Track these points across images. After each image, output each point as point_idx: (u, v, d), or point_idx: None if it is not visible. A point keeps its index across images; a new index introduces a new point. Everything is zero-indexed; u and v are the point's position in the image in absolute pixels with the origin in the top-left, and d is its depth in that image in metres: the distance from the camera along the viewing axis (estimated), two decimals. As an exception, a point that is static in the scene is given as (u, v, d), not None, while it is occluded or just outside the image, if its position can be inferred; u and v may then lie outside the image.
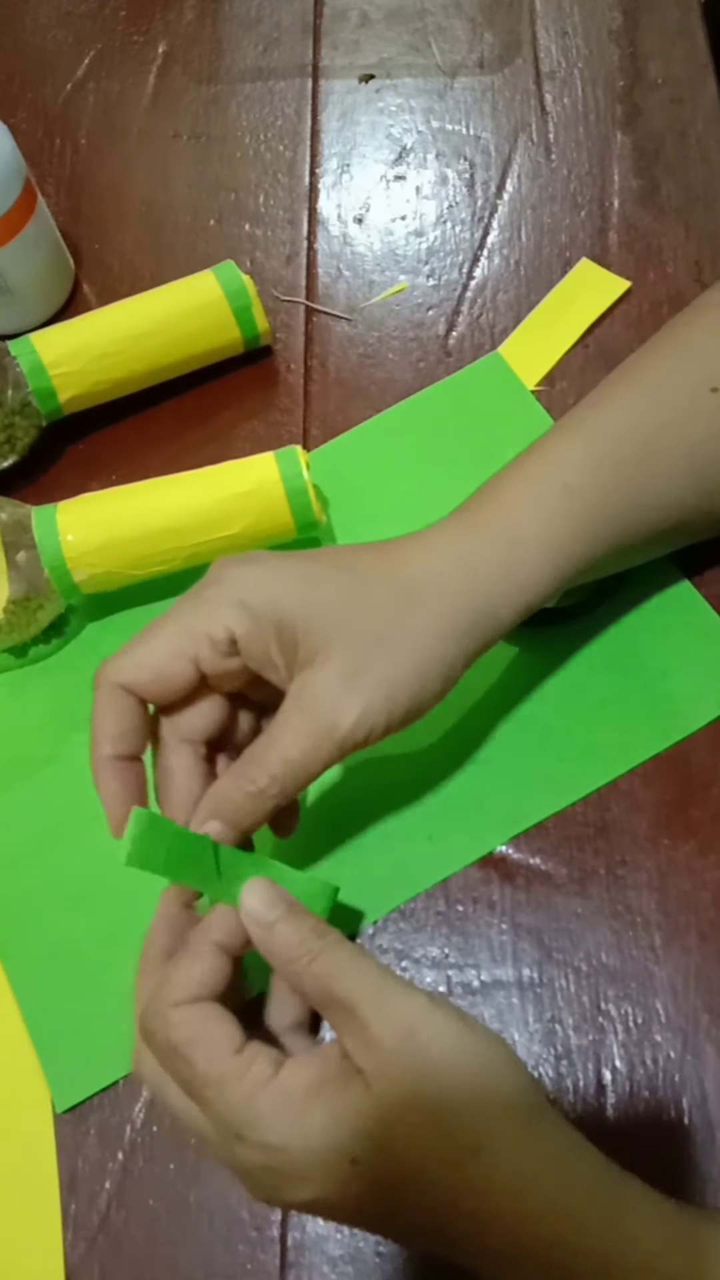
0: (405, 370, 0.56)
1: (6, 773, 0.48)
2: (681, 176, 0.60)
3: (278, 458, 0.48)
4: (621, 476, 0.40)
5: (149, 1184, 0.41)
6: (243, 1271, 0.39)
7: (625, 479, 0.41)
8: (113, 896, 0.45)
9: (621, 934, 0.43)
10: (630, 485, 0.41)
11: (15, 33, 0.70)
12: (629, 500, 0.41)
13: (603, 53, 0.65)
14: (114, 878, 0.45)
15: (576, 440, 0.42)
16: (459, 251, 0.59)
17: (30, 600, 0.48)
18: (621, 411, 0.42)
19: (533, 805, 0.45)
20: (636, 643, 0.47)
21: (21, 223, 0.53)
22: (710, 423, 0.41)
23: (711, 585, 0.48)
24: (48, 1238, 0.40)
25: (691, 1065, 0.40)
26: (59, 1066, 0.42)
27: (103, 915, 0.45)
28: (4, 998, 0.44)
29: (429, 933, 0.43)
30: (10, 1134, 0.42)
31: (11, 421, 0.52)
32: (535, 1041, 0.41)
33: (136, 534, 0.47)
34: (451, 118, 0.64)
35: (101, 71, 0.68)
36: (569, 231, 0.59)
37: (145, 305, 0.53)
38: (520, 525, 0.40)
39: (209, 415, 0.56)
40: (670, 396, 0.42)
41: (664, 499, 0.41)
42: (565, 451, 0.41)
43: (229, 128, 0.65)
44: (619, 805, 0.45)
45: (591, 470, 0.40)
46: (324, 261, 0.60)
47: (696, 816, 0.44)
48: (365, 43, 0.67)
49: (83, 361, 0.52)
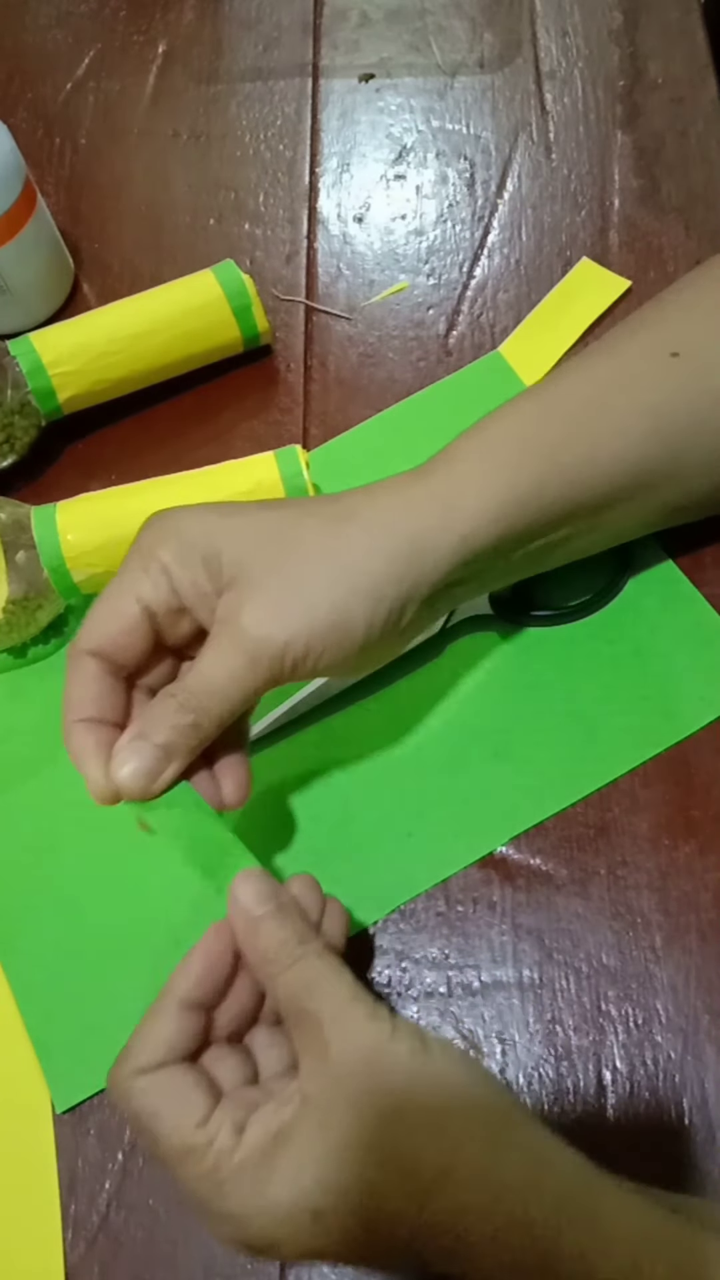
0: (405, 370, 0.56)
1: (6, 773, 0.48)
2: (682, 176, 0.60)
3: (278, 457, 0.48)
4: (570, 430, 0.40)
5: (149, 1184, 0.41)
6: (243, 1271, 0.39)
7: (573, 433, 0.40)
8: (112, 897, 0.45)
9: (622, 935, 0.43)
10: (580, 439, 0.40)
11: (15, 32, 0.70)
12: (579, 455, 0.40)
13: (603, 52, 0.64)
14: (114, 878, 0.45)
15: (530, 399, 0.42)
16: (459, 251, 0.59)
17: (30, 600, 0.48)
18: (579, 374, 0.42)
19: (533, 805, 0.45)
20: (637, 643, 0.47)
21: (21, 222, 0.53)
22: (666, 385, 0.41)
23: (712, 585, 0.48)
24: (48, 1238, 0.40)
25: (692, 1066, 0.40)
26: (59, 1067, 0.42)
27: (102, 915, 0.45)
28: (4, 998, 0.44)
29: (429, 933, 0.43)
30: (10, 1134, 0.42)
31: (11, 421, 0.52)
32: (535, 1042, 0.41)
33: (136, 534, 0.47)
34: (451, 117, 0.64)
35: (101, 71, 0.68)
36: (569, 231, 0.59)
37: (145, 305, 0.53)
38: (463, 467, 0.39)
39: (209, 415, 0.56)
40: (628, 360, 0.42)
41: (619, 458, 0.40)
42: (517, 408, 0.41)
43: (229, 127, 0.65)
44: (619, 805, 0.45)
45: (539, 422, 0.40)
46: (324, 261, 0.60)
47: (697, 817, 0.44)
48: (365, 42, 0.67)
49: (82, 361, 0.52)
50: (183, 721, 0.36)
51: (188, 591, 0.37)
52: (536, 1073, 0.41)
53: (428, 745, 0.46)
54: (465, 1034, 0.42)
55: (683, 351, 0.41)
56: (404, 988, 0.43)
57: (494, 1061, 0.41)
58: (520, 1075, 0.41)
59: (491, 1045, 0.41)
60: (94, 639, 0.37)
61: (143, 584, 0.37)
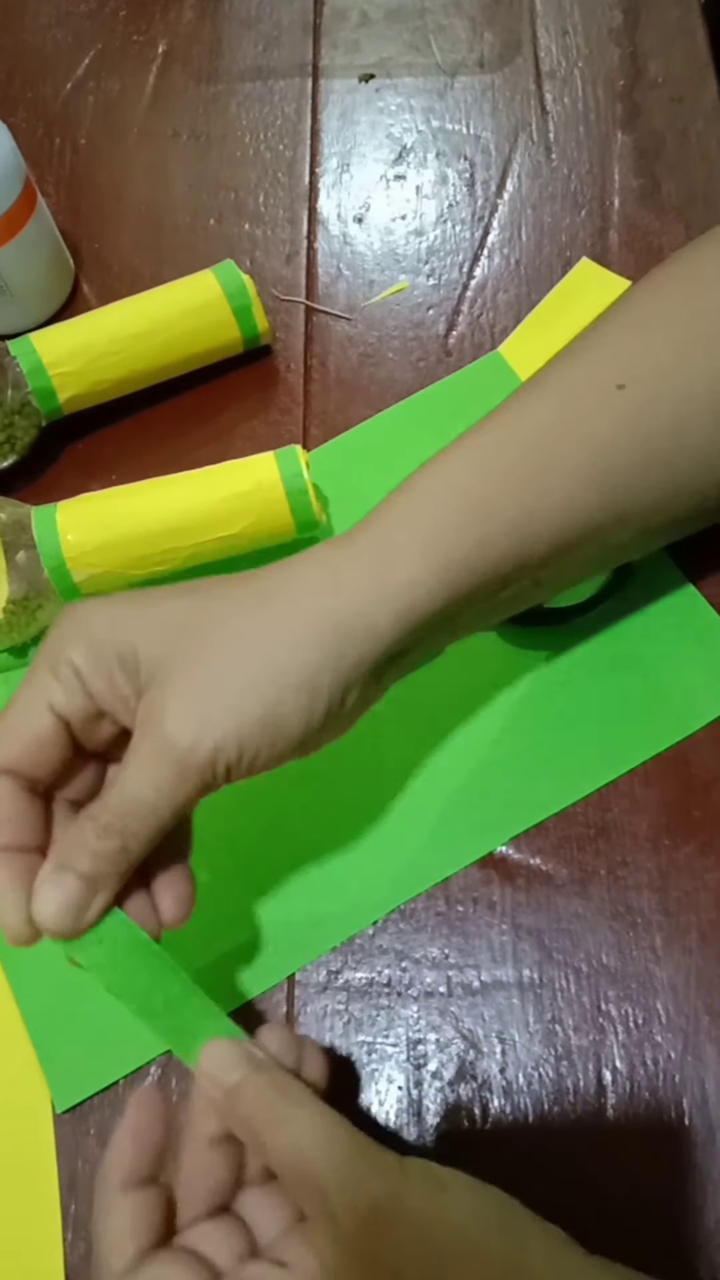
0: (405, 370, 0.56)
1: (6, 773, 0.48)
2: (682, 175, 0.60)
3: (278, 457, 0.48)
4: (511, 482, 0.36)
5: (149, 1184, 0.41)
6: (243, 1272, 0.39)
7: (515, 485, 0.36)
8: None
9: (622, 934, 0.43)
10: (524, 490, 0.36)
11: (15, 32, 0.70)
12: (523, 507, 0.36)
13: (603, 52, 0.64)
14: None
15: (464, 447, 0.38)
16: (459, 251, 0.59)
17: (30, 600, 0.48)
18: (519, 415, 0.38)
19: (533, 805, 0.45)
20: (637, 643, 0.47)
21: (21, 222, 0.53)
22: (614, 421, 0.37)
23: (711, 586, 0.48)
24: (48, 1238, 0.40)
25: (692, 1066, 0.40)
26: (59, 1067, 0.42)
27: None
28: (4, 998, 0.44)
29: (429, 933, 0.43)
30: (10, 1134, 0.42)
31: (11, 421, 0.52)
32: (535, 1042, 0.41)
33: (136, 534, 0.47)
34: (451, 117, 0.64)
35: (101, 71, 0.68)
36: (569, 231, 0.59)
37: (145, 305, 0.53)
38: (395, 527, 0.36)
39: (209, 415, 0.56)
40: (571, 395, 0.38)
41: (565, 506, 0.37)
42: (450, 460, 0.38)
43: (229, 127, 0.65)
44: (619, 805, 0.45)
45: (476, 475, 0.37)
46: (324, 261, 0.60)
47: (697, 817, 0.44)
48: (365, 42, 0.67)
49: (82, 361, 0.52)
50: (108, 847, 0.32)
51: (104, 695, 0.34)
52: (536, 1073, 0.41)
53: (427, 745, 0.46)
54: (465, 1034, 0.42)
55: (629, 382, 0.38)
56: (404, 987, 0.43)
57: (494, 1061, 0.41)
58: (520, 1075, 0.41)
59: (491, 1045, 0.41)
60: (4, 756, 0.34)
61: (54, 691, 0.33)
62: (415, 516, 0.36)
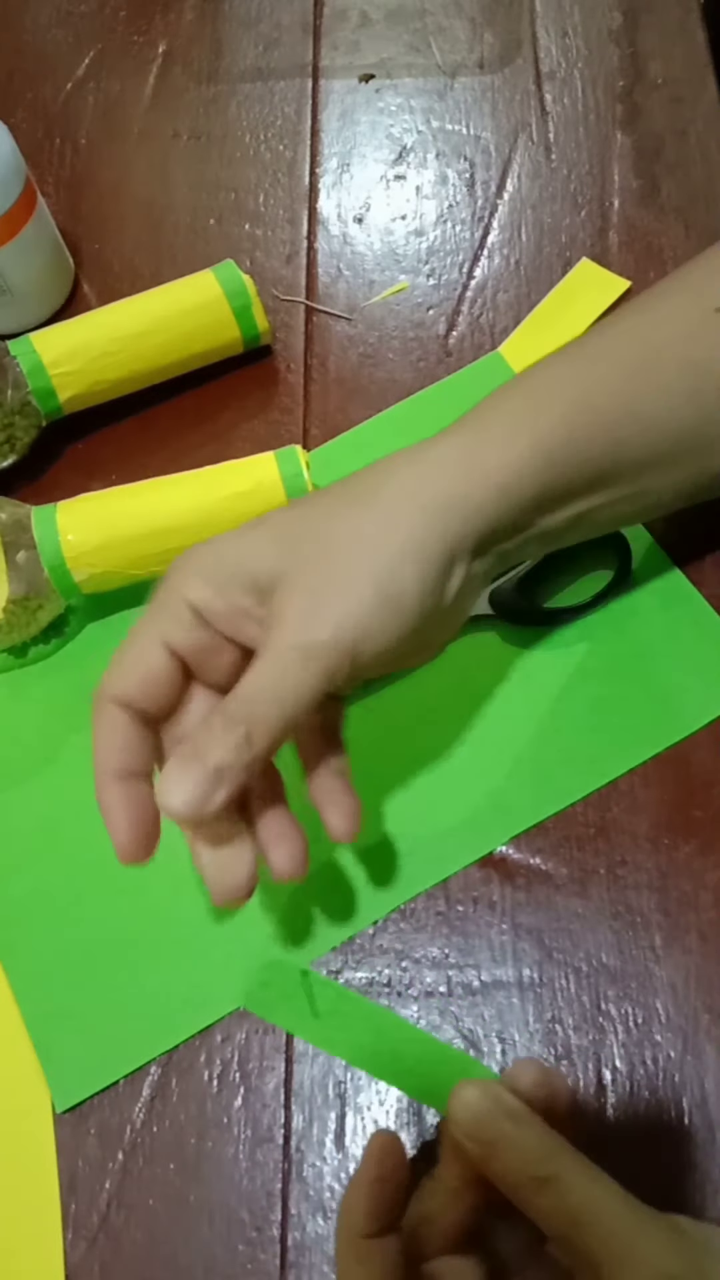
0: (405, 370, 0.56)
1: (6, 773, 0.48)
2: (682, 176, 0.60)
3: (278, 457, 0.48)
4: (612, 385, 0.38)
5: (149, 1184, 0.41)
6: (243, 1271, 0.39)
7: (615, 388, 0.38)
8: (113, 896, 0.45)
9: (622, 934, 0.43)
10: (622, 394, 0.38)
11: (15, 32, 0.70)
12: (621, 409, 0.38)
13: (603, 53, 0.65)
14: (114, 877, 0.45)
15: (566, 357, 0.40)
16: (459, 251, 0.59)
17: (30, 600, 0.48)
18: (619, 331, 0.40)
19: (533, 805, 0.45)
20: (636, 643, 0.47)
21: (21, 222, 0.53)
22: (709, 340, 0.39)
23: (712, 585, 0.48)
24: (48, 1238, 0.40)
25: (692, 1065, 0.40)
26: (59, 1067, 0.42)
27: (103, 915, 0.45)
28: (4, 998, 0.44)
29: (429, 933, 0.43)
30: (10, 1134, 0.42)
31: (11, 421, 0.52)
32: (535, 1041, 0.41)
33: (136, 534, 0.47)
34: (451, 118, 0.64)
35: (101, 71, 0.68)
36: (569, 231, 0.59)
37: (145, 305, 0.53)
38: (499, 419, 0.37)
39: (209, 415, 0.56)
40: (669, 316, 0.40)
41: (661, 416, 0.39)
42: (553, 364, 0.39)
43: (229, 128, 0.65)
44: (619, 805, 0.45)
45: (578, 377, 0.38)
46: (324, 261, 0.60)
47: (697, 816, 0.44)
48: (365, 43, 0.67)
49: (82, 361, 0.52)
50: (233, 736, 0.33)
51: (228, 618, 0.35)
52: (536, 1072, 0.41)
53: (427, 745, 0.46)
54: (465, 1033, 0.42)
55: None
56: (404, 987, 0.43)
57: (494, 1061, 0.41)
58: (520, 1075, 0.41)
59: (491, 1045, 0.41)
60: (117, 687, 0.35)
61: (169, 628, 0.35)
62: (517, 407, 0.38)
